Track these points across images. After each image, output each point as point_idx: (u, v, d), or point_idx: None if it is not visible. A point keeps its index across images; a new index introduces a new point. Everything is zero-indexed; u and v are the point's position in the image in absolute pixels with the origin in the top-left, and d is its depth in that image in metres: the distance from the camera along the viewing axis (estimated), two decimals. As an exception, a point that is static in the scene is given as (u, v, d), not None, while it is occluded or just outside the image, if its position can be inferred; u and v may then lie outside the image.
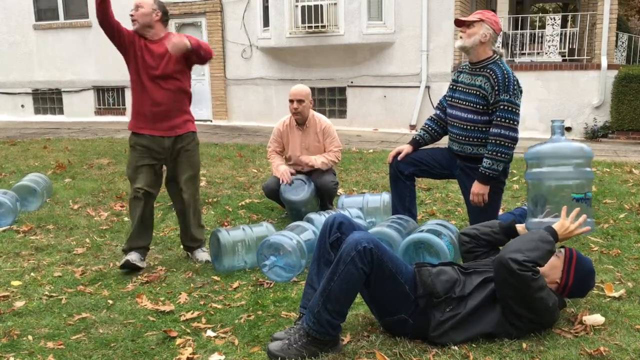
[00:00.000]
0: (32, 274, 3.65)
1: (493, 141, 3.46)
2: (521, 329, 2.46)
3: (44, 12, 13.07)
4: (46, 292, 3.33)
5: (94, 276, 3.59)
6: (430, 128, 3.97)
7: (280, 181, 4.59)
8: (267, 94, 11.76)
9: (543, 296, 2.38)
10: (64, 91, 13.24)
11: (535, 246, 2.42)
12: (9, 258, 3.94)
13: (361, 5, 10.36)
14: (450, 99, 3.79)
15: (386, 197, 4.40)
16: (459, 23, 3.67)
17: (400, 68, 10.73)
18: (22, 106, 13.62)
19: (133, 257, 3.66)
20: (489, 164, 3.46)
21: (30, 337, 2.76)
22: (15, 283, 3.48)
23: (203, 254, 3.90)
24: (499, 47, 3.72)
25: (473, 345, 2.46)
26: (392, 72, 10.79)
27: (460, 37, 3.62)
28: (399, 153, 3.96)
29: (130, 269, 3.62)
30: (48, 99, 13.47)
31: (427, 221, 3.79)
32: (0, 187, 5.90)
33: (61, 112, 13.39)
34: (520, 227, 2.86)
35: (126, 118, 12.59)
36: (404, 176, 3.94)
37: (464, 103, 3.63)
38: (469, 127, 3.60)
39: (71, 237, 4.42)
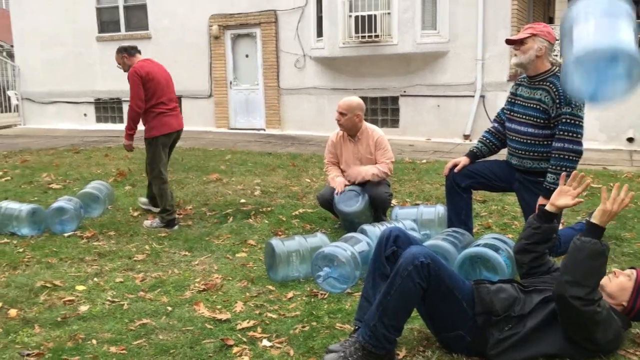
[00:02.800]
0: (95, 279, 3.78)
1: (557, 155, 3.38)
2: (584, 351, 2.39)
3: (106, 25, 13.59)
4: (109, 298, 3.44)
5: (154, 283, 3.70)
6: (488, 141, 3.92)
7: (335, 192, 4.61)
8: (319, 104, 11.84)
9: (606, 328, 2.31)
10: (123, 100, 13.68)
11: (589, 269, 2.29)
12: (74, 263, 4.10)
13: (415, 15, 10.32)
14: (509, 112, 3.73)
15: (441, 209, 4.36)
16: (510, 42, 3.62)
17: (454, 77, 10.61)
18: (85, 115, 14.16)
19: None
20: (553, 179, 3.37)
21: (94, 341, 2.87)
22: (80, 288, 3.61)
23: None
24: (556, 56, 3.64)
25: (533, 365, 2.41)
26: (446, 82, 10.69)
27: (515, 55, 3.56)
28: (455, 165, 3.93)
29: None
30: (109, 108, 13.98)
31: (484, 235, 3.74)
32: (65, 194, 6.16)
33: (121, 120, 13.84)
34: (545, 202, 2.71)
35: (185, 127, 12.89)
36: (461, 188, 3.91)
37: (524, 117, 3.56)
38: (529, 141, 3.54)
39: (131, 243, 4.56)
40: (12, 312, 3.22)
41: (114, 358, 2.69)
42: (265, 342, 2.83)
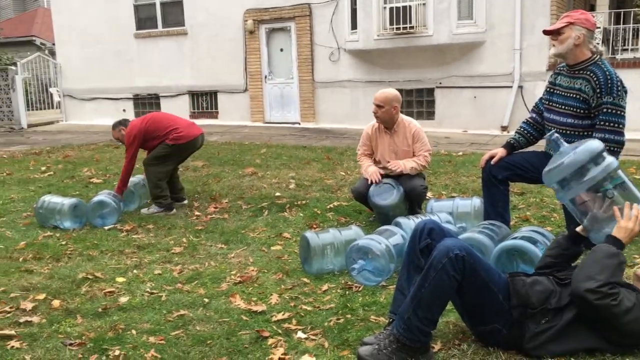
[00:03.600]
0: (134, 271, 3.87)
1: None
2: (623, 344, 2.33)
3: (144, 21, 13.82)
4: (147, 289, 3.52)
5: (191, 275, 3.76)
6: (525, 131, 3.85)
7: (369, 181, 4.58)
8: (354, 97, 11.81)
9: (631, 319, 2.24)
10: (161, 96, 13.92)
11: (602, 266, 2.26)
12: (114, 255, 4.20)
13: (451, 5, 10.17)
14: (547, 102, 3.65)
15: (477, 201, 4.30)
16: (547, 32, 3.53)
17: (491, 68, 10.44)
18: (124, 110, 14.43)
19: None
20: None
21: (133, 332, 2.93)
22: (120, 279, 3.70)
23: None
24: (597, 44, 3.53)
25: (572, 358, 2.36)
26: (483, 72, 10.52)
27: (554, 45, 3.47)
28: (492, 157, 3.87)
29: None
30: (147, 103, 14.22)
31: (521, 227, 3.68)
32: (105, 188, 6.31)
33: (159, 116, 14.06)
34: (580, 228, 2.66)
35: (219, 121, 13.09)
36: (498, 180, 3.85)
37: (563, 107, 3.48)
38: (568, 131, 3.46)
39: (169, 236, 4.64)
40: (56, 302, 3.32)
41: (152, 348, 2.74)
42: (300, 334, 2.85)
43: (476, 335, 2.55)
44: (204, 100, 13.51)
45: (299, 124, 12.34)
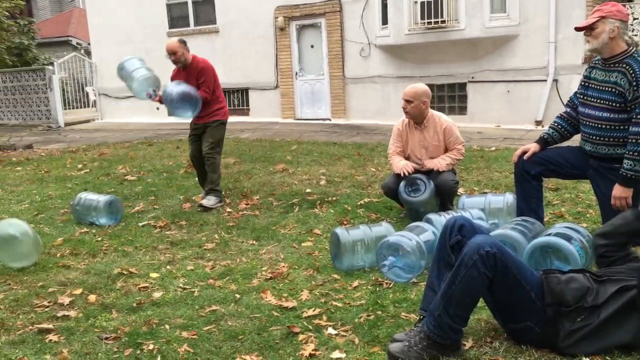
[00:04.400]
0: (167, 266, 3.93)
1: (633, 140, 3.22)
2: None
3: (176, 20, 13.99)
4: (180, 285, 3.57)
5: (223, 271, 3.80)
6: (560, 126, 3.78)
7: (402, 174, 4.55)
8: (385, 92, 11.74)
9: None
10: (193, 94, 14.05)
11: None
12: (148, 251, 4.28)
13: (483, -2, 10.02)
14: (582, 96, 3.57)
15: (510, 197, 4.24)
16: (579, 29, 3.46)
17: (525, 61, 10.25)
18: (157, 109, 14.59)
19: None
20: (631, 165, 3.22)
21: (167, 327, 2.98)
22: (154, 275, 3.76)
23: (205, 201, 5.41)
24: (634, 35, 3.43)
25: (607, 357, 2.31)
26: (516, 66, 10.34)
27: (588, 42, 3.39)
28: (524, 152, 3.82)
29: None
30: (180, 101, 14.38)
31: (555, 224, 3.61)
32: (140, 185, 6.43)
33: (191, 113, 14.22)
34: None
35: (250, 118, 13.17)
36: (531, 176, 3.80)
37: (598, 101, 3.41)
38: (604, 126, 3.38)
39: (201, 232, 4.70)
40: (92, 297, 3.40)
41: (185, 343, 2.78)
42: (331, 330, 2.86)
43: (508, 333, 2.52)
44: (236, 98, 13.61)
45: (330, 120, 12.34)
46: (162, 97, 5.23)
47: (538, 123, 10.14)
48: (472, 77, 10.82)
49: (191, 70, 5.47)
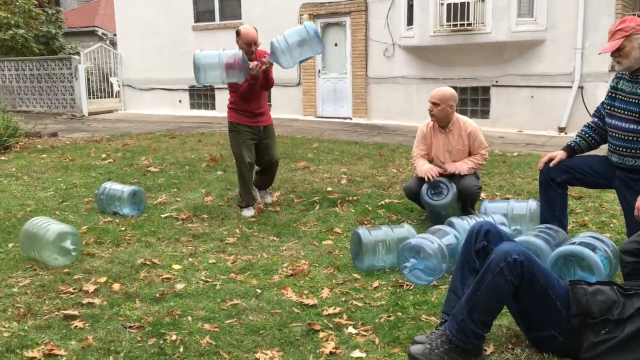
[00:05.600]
0: (190, 259, 3.98)
1: None
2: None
3: (202, 14, 14.08)
4: (202, 277, 3.61)
5: (244, 265, 3.83)
6: (587, 135, 3.76)
7: (426, 179, 4.55)
8: (407, 93, 11.72)
9: None
10: (217, 88, 14.16)
11: None
12: (171, 243, 4.33)
13: (511, 2, 9.95)
14: (609, 107, 3.55)
15: (533, 204, 4.22)
16: (607, 52, 3.44)
17: (550, 67, 10.17)
18: (180, 101, 14.78)
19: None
20: None
21: (189, 318, 3.02)
22: (176, 267, 3.81)
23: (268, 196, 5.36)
24: None
25: (629, 371, 2.31)
26: (542, 71, 10.26)
27: (618, 62, 3.37)
28: (551, 159, 3.80)
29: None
30: (202, 95, 14.51)
31: (579, 233, 3.59)
32: (162, 177, 6.50)
33: (213, 107, 14.34)
34: None
35: (273, 115, 13.18)
36: (556, 184, 3.78)
37: (625, 112, 3.39)
38: (631, 138, 3.36)
39: (223, 227, 4.74)
40: (116, 286, 3.45)
41: (207, 335, 2.82)
42: (351, 329, 2.88)
43: (530, 340, 2.52)
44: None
45: (351, 119, 12.35)
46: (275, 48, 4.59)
47: (561, 130, 10.06)
48: (496, 81, 10.75)
49: (257, 58, 4.93)
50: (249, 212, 5.04)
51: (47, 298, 3.28)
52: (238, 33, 4.98)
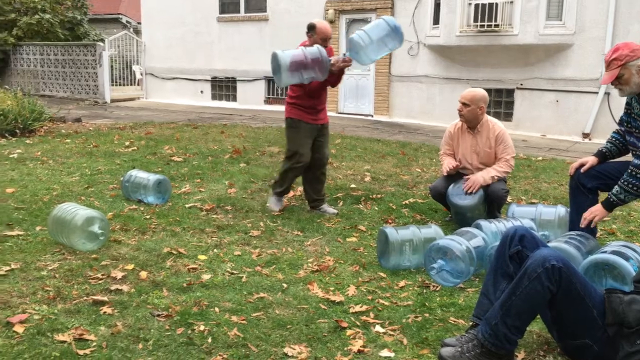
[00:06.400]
0: (215, 250, 3.99)
1: (632, 172, 3.33)
2: None
3: (227, 6, 14.10)
4: (228, 269, 3.62)
5: (269, 259, 3.84)
6: (617, 141, 3.73)
7: (444, 172, 4.53)
8: (430, 92, 11.66)
9: None
10: (238, 80, 14.20)
11: None
12: (195, 233, 4.34)
13: (540, 4, 9.85)
14: (626, 124, 3.54)
15: (562, 210, 4.17)
16: (607, 82, 3.46)
17: (577, 71, 10.05)
18: (201, 92, 14.83)
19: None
20: (618, 191, 3.31)
21: (216, 309, 3.03)
22: (202, 257, 3.82)
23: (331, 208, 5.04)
24: None
25: (663, 383, 2.27)
26: (568, 76, 10.15)
27: (621, 90, 3.38)
28: (582, 165, 3.78)
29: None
30: (224, 86, 14.55)
31: (611, 242, 3.54)
32: (186, 167, 6.52)
33: (234, 99, 14.38)
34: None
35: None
36: (586, 189, 3.76)
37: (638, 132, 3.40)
38: None
39: (247, 219, 4.75)
40: (143, 274, 3.47)
41: (235, 327, 2.83)
42: (378, 328, 2.87)
43: (563, 348, 2.49)
44: (279, 87, 13.67)
45: (372, 116, 12.31)
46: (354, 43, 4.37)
47: (586, 136, 9.95)
48: (521, 84, 10.66)
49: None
50: (276, 206, 5.00)
51: (76, 283, 3.31)
52: (312, 27, 4.72)
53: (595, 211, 3.44)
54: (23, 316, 2.84)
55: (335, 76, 4.70)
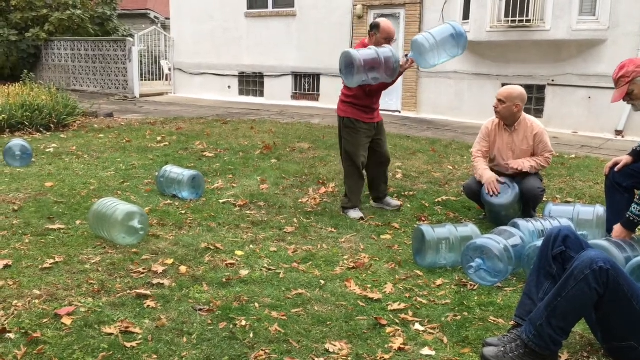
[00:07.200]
0: (251, 246, 4.03)
1: None
2: None
3: (255, 1, 14.15)
4: (265, 265, 3.66)
5: (305, 255, 3.87)
6: (656, 140, 3.68)
7: (485, 190, 4.48)
8: (458, 88, 11.58)
9: None
10: (266, 75, 14.25)
11: None
12: (231, 229, 4.39)
13: (573, -1, 9.70)
14: None
15: (600, 209, 4.11)
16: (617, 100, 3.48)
17: (610, 68, 9.73)
18: (229, 87, 14.92)
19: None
20: (636, 209, 3.16)
21: (256, 305, 3.07)
22: (239, 253, 3.87)
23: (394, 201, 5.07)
24: None
25: None
26: (601, 72, 9.98)
27: (634, 105, 3.42)
28: (616, 164, 3.77)
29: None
30: (251, 81, 14.62)
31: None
32: (217, 163, 6.59)
33: (261, 94, 14.44)
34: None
35: (319, 104, 13.24)
36: (622, 188, 3.75)
37: None
38: None
39: (280, 215, 4.79)
40: (183, 268, 3.53)
41: (276, 323, 2.86)
42: (418, 326, 2.88)
43: (607, 350, 2.48)
44: (307, 82, 13.71)
45: (400, 112, 12.27)
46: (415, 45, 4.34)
47: (618, 133, 9.79)
48: (552, 80, 10.52)
49: None
50: (356, 214, 4.79)
51: (118, 276, 3.38)
52: (376, 26, 4.61)
53: (618, 234, 3.29)
54: (70, 309, 2.92)
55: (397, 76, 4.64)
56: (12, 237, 4.00)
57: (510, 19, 10.09)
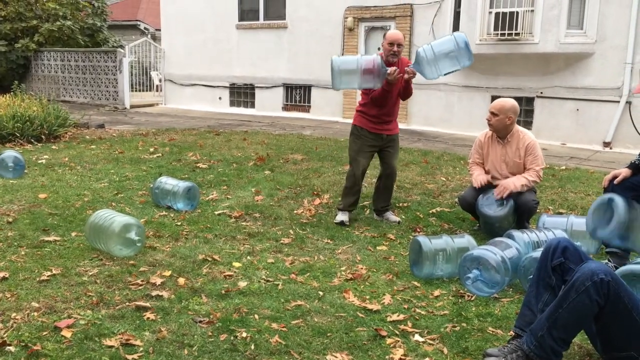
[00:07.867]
0: (248, 257, 4.03)
1: None
2: None
3: (246, 13, 14.22)
4: (263, 276, 3.67)
5: (302, 267, 3.88)
6: (651, 154, 3.73)
7: (476, 185, 4.57)
8: (449, 100, 11.68)
9: None
10: (256, 86, 14.29)
11: None
12: (227, 240, 4.39)
13: (561, 13, 9.85)
14: None
15: (593, 221, 4.17)
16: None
17: (598, 80, 10.03)
18: (220, 98, 14.93)
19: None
20: None
21: (256, 316, 3.08)
22: (236, 264, 3.87)
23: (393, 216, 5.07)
24: None
25: None
26: (589, 85, 10.13)
27: None
28: (615, 177, 3.79)
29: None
30: (242, 93, 14.65)
31: (645, 253, 3.56)
32: (211, 174, 6.59)
33: (252, 105, 14.47)
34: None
35: (310, 115, 13.28)
36: (622, 201, 3.76)
37: None
38: None
39: (276, 226, 4.79)
40: (181, 280, 3.52)
41: (276, 334, 2.87)
42: (418, 337, 2.90)
43: (607, 360, 2.51)
44: (298, 94, 13.76)
45: (390, 123, 12.32)
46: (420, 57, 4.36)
47: (606, 144, 9.92)
48: (541, 93, 10.65)
49: (400, 66, 4.71)
50: (339, 217, 4.93)
51: (117, 288, 3.37)
52: (383, 35, 4.89)
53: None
54: (70, 321, 2.90)
55: (402, 88, 4.82)
56: (8, 249, 3.98)
57: (499, 32, 10.22)
